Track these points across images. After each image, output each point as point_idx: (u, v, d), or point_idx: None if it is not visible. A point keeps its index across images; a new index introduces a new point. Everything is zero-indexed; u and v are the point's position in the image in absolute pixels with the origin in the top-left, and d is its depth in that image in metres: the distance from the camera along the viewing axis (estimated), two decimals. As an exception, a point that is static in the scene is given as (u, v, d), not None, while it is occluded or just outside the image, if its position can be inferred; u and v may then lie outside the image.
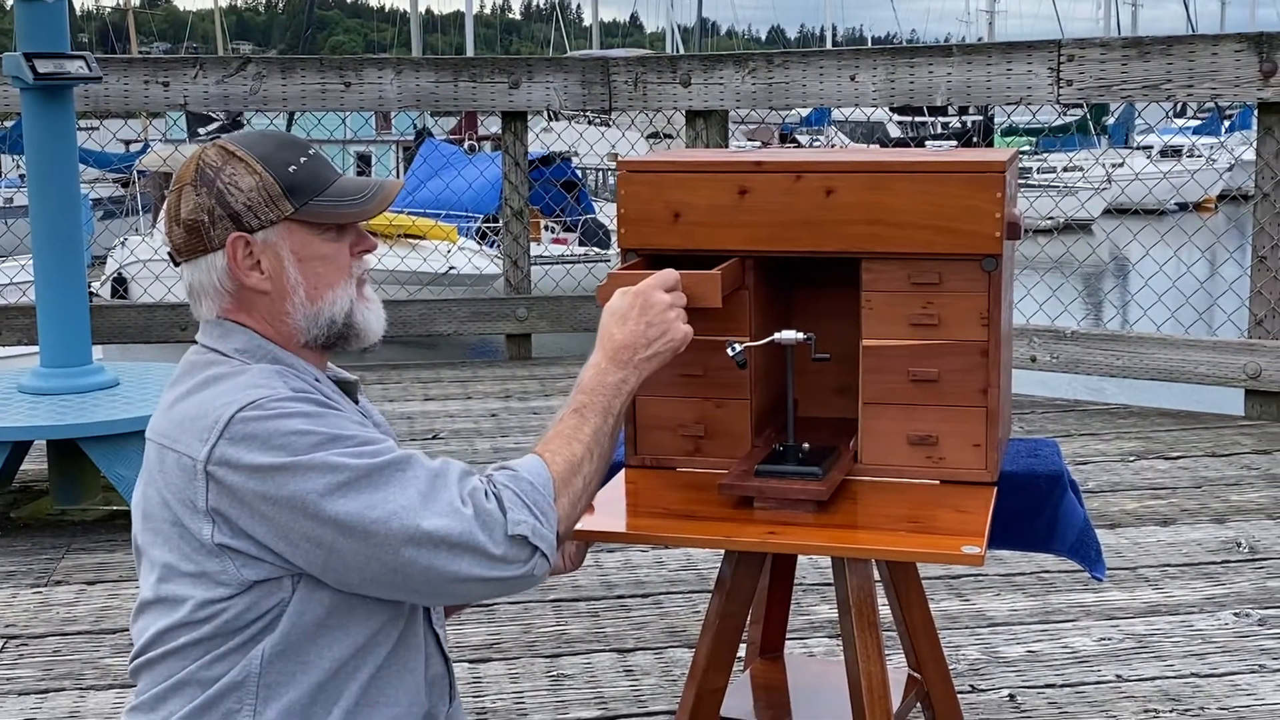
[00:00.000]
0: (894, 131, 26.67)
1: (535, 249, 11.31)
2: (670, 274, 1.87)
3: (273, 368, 1.71)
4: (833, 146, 21.58)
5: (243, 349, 1.74)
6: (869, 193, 1.98)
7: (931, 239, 1.97)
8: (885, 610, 2.48)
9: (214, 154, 1.73)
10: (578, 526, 1.81)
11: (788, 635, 2.60)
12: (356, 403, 1.84)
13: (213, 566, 1.64)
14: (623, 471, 2.13)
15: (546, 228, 15.40)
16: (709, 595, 2.15)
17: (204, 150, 1.74)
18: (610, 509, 1.99)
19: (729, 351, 1.95)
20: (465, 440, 5.04)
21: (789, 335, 1.96)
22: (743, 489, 1.94)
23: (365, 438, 1.65)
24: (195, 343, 1.78)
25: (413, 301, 6.62)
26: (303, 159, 1.73)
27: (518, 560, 1.64)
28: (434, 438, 5.09)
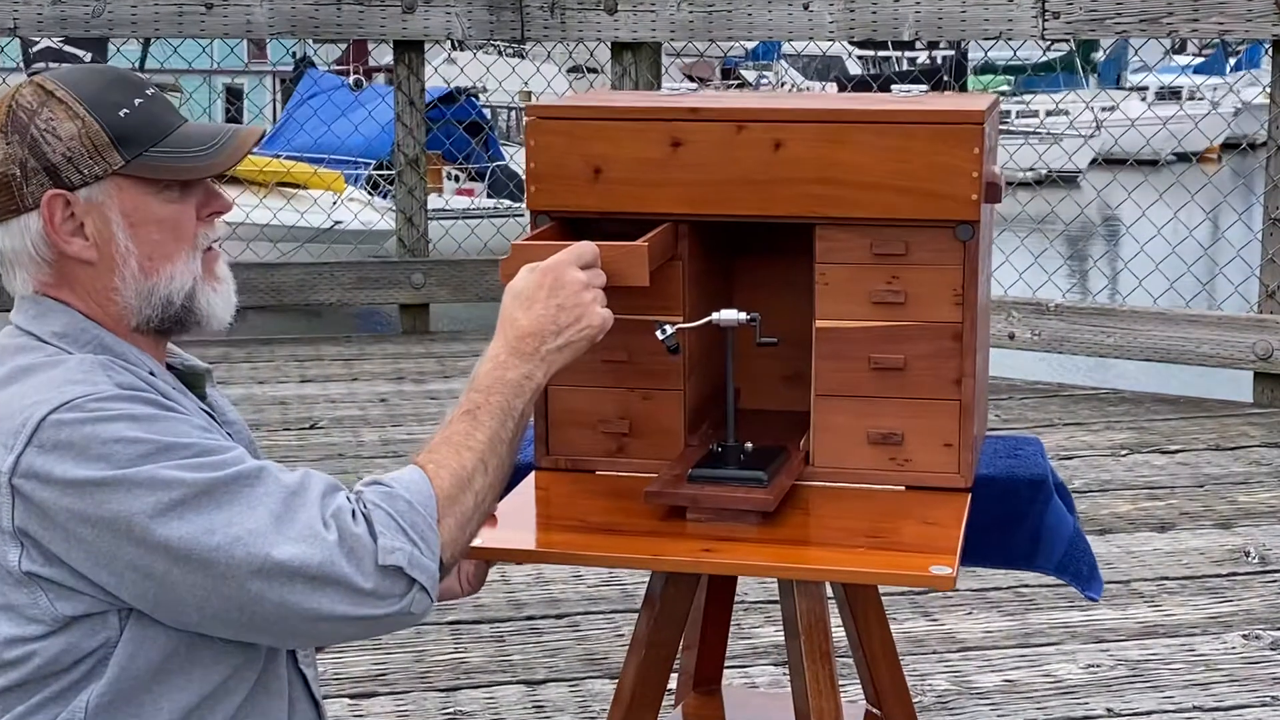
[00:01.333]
0: (854, 68, 26.79)
1: (435, 201, 11.22)
2: (587, 247, 1.84)
3: (96, 358, 1.66)
4: (783, 85, 21.61)
5: (62, 333, 1.69)
6: (824, 147, 1.97)
7: (897, 202, 1.96)
8: (839, 632, 2.47)
9: (29, 94, 1.68)
10: (477, 542, 1.78)
11: (726, 663, 2.59)
12: (204, 398, 1.80)
13: (20, 599, 1.60)
14: (532, 475, 2.10)
15: (450, 175, 15.30)
16: (634, 615, 2.16)
17: (18, 89, 1.69)
18: (516, 521, 1.96)
19: (658, 334, 1.93)
20: (349, 430, 5.00)
21: (729, 315, 1.94)
22: (674, 497, 1.92)
23: (206, 446, 1.61)
24: (10, 323, 1.73)
25: (288, 265, 6.57)
26: (137, 100, 1.68)
27: (391, 595, 1.60)
28: (311, 427, 5.04)
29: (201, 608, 1.58)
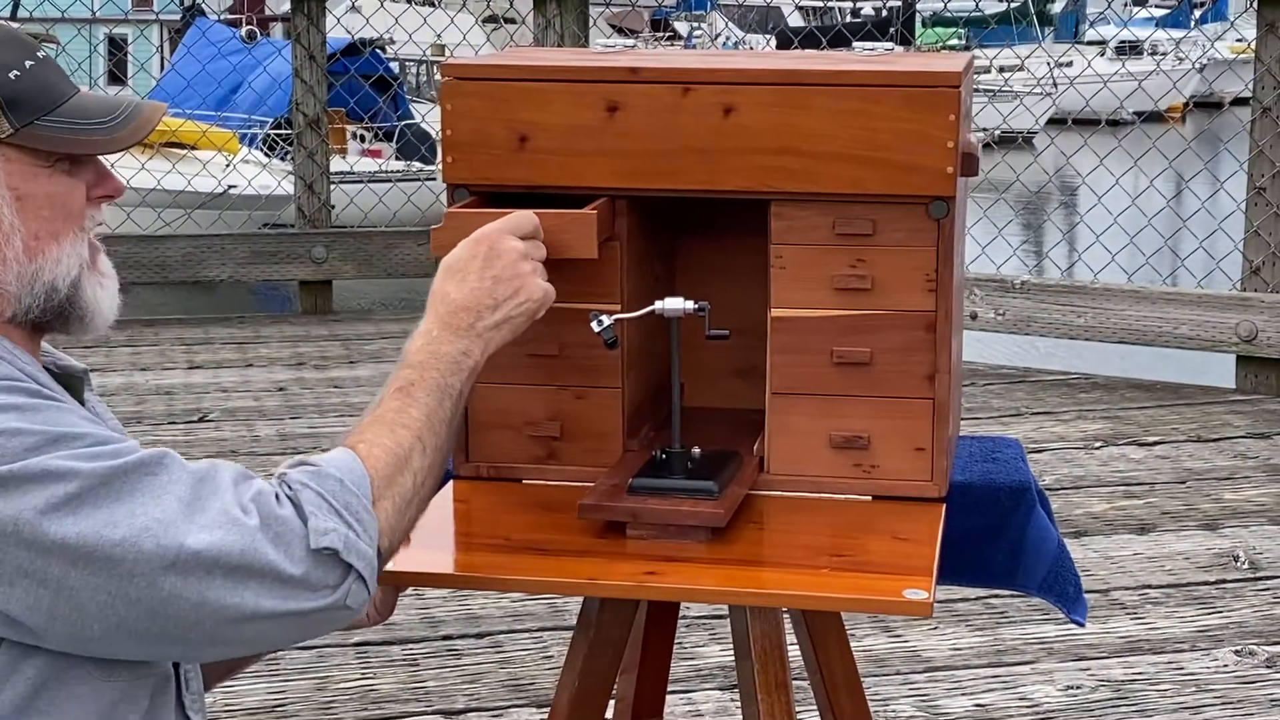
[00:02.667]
0: (795, 20, 26.97)
1: (340, 165, 11.13)
2: (526, 217, 1.85)
3: None
4: (717, 38, 21.61)
5: None
6: (781, 113, 1.95)
7: (863, 175, 1.94)
8: (794, 649, 2.44)
9: None
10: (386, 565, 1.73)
11: (669, 688, 2.55)
12: (83, 402, 1.76)
13: None
14: (450, 485, 2.07)
15: (355, 135, 15.28)
16: (565, 634, 2.11)
17: None
18: (432, 539, 1.92)
19: (594, 325, 1.91)
20: (243, 423, 4.98)
21: (674, 304, 1.92)
22: (612, 511, 1.90)
23: (99, 436, 1.58)
24: None
25: (174, 237, 6.53)
26: (28, 63, 1.66)
27: (324, 585, 1.56)
28: (200, 420, 5.01)
29: (105, 616, 1.53)
